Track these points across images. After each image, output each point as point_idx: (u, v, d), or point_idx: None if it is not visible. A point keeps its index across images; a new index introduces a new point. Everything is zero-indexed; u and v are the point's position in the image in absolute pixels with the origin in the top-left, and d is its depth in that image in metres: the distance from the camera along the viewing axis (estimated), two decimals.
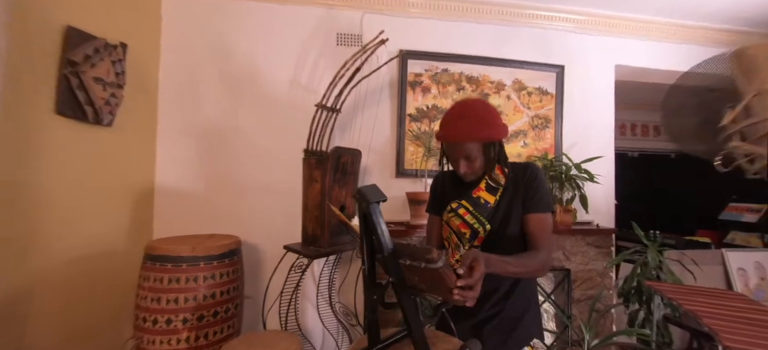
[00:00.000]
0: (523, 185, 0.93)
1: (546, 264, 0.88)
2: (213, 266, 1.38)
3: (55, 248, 1.30)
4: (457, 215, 0.96)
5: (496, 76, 2.21)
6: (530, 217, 0.91)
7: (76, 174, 1.40)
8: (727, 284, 2.48)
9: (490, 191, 0.95)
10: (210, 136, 1.97)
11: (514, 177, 0.95)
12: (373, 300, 0.66)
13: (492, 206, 0.93)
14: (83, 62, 1.34)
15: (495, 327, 0.93)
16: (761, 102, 0.49)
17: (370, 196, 0.62)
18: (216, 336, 1.37)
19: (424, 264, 0.61)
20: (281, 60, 2.03)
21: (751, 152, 0.53)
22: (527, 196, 0.92)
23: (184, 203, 1.93)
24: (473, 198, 0.95)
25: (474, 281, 0.64)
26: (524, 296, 0.96)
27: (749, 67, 0.53)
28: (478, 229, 0.93)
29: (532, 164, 0.97)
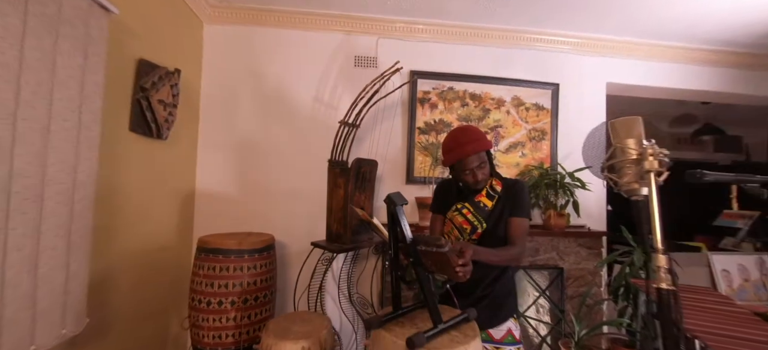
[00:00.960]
0: (511, 196, 1.19)
1: (519, 255, 1.16)
2: (255, 258, 1.64)
3: (128, 238, 1.58)
4: (461, 213, 1.22)
5: (497, 94, 2.46)
6: (511, 220, 1.18)
7: (143, 180, 1.69)
8: (712, 284, 2.67)
9: (489, 197, 1.21)
10: (244, 147, 2.25)
11: (506, 190, 1.21)
12: (398, 277, 0.91)
13: (489, 209, 1.19)
14: (151, 88, 1.62)
15: (486, 306, 1.18)
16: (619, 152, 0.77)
17: (397, 200, 0.87)
18: (256, 316, 1.63)
19: (434, 249, 0.86)
20: (306, 80, 2.31)
21: (613, 179, 0.80)
22: (510, 205, 1.18)
23: (221, 206, 2.21)
24: (475, 202, 1.22)
25: (466, 261, 0.90)
26: (507, 283, 1.23)
27: (614, 131, 0.80)
28: (477, 226, 1.18)
29: (520, 181, 1.25)
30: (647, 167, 0.72)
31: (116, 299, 1.52)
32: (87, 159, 1.23)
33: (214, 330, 1.55)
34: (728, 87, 2.78)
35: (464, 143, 1.16)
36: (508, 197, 1.20)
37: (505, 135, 2.47)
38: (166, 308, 1.82)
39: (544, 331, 2.34)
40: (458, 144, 1.17)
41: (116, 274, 1.52)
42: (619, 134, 0.78)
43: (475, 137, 1.16)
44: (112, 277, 1.49)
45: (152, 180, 1.77)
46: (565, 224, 2.32)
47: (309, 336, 1.27)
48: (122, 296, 1.55)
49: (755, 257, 2.76)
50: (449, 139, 1.20)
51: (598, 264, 2.33)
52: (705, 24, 2.33)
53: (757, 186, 0.96)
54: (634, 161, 0.75)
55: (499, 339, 1.18)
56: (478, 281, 1.18)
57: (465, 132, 1.19)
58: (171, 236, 1.93)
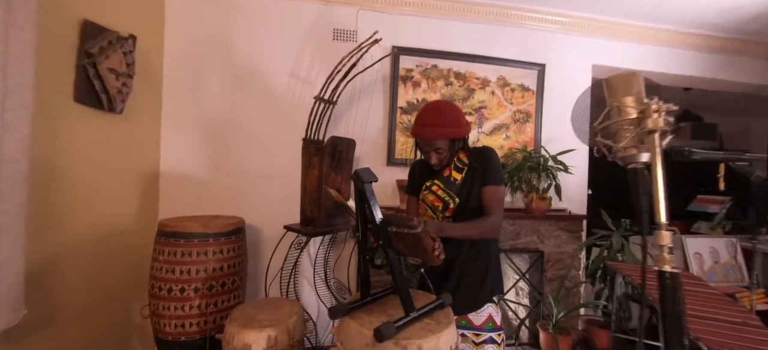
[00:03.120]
0: (480, 164, 1.12)
1: (496, 226, 1.09)
2: (221, 242, 1.53)
3: (77, 223, 1.44)
4: (430, 191, 1.14)
5: (482, 73, 2.37)
6: (484, 189, 1.11)
7: (93, 158, 1.52)
8: (685, 266, 2.74)
9: (458, 170, 1.14)
10: (214, 125, 2.09)
11: (474, 159, 1.14)
12: (365, 261, 0.83)
13: (459, 183, 1.12)
14: (99, 54, 1.45)
15: (464, 289, 1.12)
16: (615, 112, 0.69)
17: (364, 177, 0.78)
18: (223, 304, 1.53)
19: (406, 230, 0.78)
20: (280, 53, 2.15)
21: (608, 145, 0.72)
22: (483, 172, 1.11)
23: (188, 187, 2.06)
24: (444, 177, 1.15)
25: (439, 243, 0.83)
26: (486, 262, 1.16)
27: (610, 89, 0.72)
28: (449, 202, 1.11)
29: (487, 148, 1.17)
30: (651, 126, 0.64)
31: (66, 287, 1.38)
32: (16, 130, 1.08)
33: (177, 318, 1.45)
34: (712, 72, 2.79)
35: (426, 125, 1.08)
36: (477, 166, 1.13)
37: (490, 117, 2.40)
38: (127, 296, 1.70)
39: (523, 314, 2.35)
40: (420, 123, 1.10)
41: (65, 261, 1.38)
42: (616, 91, 0.70)
43: (440, 122, 1.07)
44: (60, 264, 1.35)
45: (106, 158, 1.60)
46: (547, 207, 2.30)
47: (276, 323, 1.19)
48: (73, 284, 1.41)
49: (725, 240, 2.85)
50: (420, 112, 1.12)
51: (578, 246, 2.33)
52: (696, 6, 2.30)
53: (746, 165, 0.91)
54: (633, 121, 0.67)
55: (479, 325, 1.12)
56: (451, 260, 1.11)
57: (434, 113, 1.09)
58: (131, 220, 1.78)
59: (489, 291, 1.13)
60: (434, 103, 1.14)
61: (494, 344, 1.12)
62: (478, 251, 1.13)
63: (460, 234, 1.02)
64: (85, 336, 1.47)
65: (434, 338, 0.73)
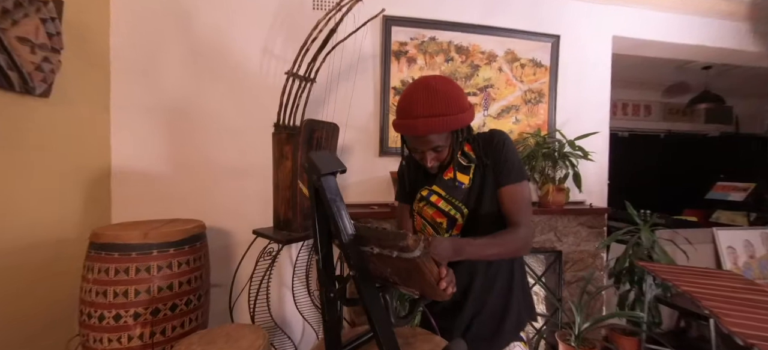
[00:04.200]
0: (492, 159, 0.80)
1: (527, 239, 0.77)
2: (169, 254, 1.22)
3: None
4: (429, 203, 0.83)
5: (488, 46, 2.05)
6: (503, 191, 0.79)
7: (4, 152, 1.21)
8: (717, 262, 2.45)
9: (463, 170, 0.82)
10: (172, 111, 1.77)
11: (482, 149, 0.82)
12: (330, 299, 0.52)
13: (467, 187, 0.81)
14: (1, 18, 1.12)
15: (482, 323, 0.81)
16: None
17: (322, 165, 0.47)
18: (175, 331, 1.22)
19: (396, 253, 0.47)
20: (251, 26, 1.82)
21: None
22: (497, 168, 0.80)
23: (147, 187, 1.75)
24: (445, 181, 0.82)
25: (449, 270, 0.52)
26: (506, 281, 0.85)
27: None
28: (456, 216, 0.80)
29: (498, 132, 0.84)
30: None
31: None
32: None
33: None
34: (737, 43, 2.48)
35: (417, 114, 0.74)
36: (488, 159, 0.81)
37: (497, 97, 2.09)
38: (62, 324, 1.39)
39: (539, 323, 2.06)
40: (407, 113, 0.76)
41: None
42: None
43: (437, 108, 0.73)
44: None
45: (27, 152, 1.29)
46: (564, 200, 2.00)
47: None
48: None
49: (761, 232, 2.55)
50: (405, 95, 0.78)
51: (601, 244, 2.03)
52: None
53: None
54: None
55: None
56: (465, 290, 0.81)
57: (428, 97, 0.74)
58: (69, 229, 1.47)
59: (516, 321, 0.83)
60: (424, 81, 0.77)
61: None
62: (497, 270, 0.83)
63: (482, 255, 0.70)
64: None
65: None
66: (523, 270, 0.90)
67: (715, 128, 4.85)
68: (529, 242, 0.78)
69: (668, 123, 4.73)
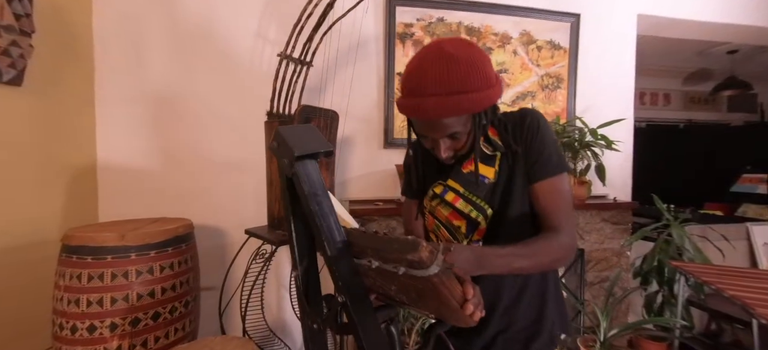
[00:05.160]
0: (523, 143, 0.63)
1: (568, 248, 0.61)
2: (150, 257, 1.09)
3: None
4: (444, 202, 0.67)
5: (501, 27, 1.88)
6: (538, 186, 0.62)
7: None
8: (751, 260, 2.27)
9: (486, 161, 0.65)
10: (161, 102, 1.64)
11: (511, 134, 0.65)
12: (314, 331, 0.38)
13: (491, 182, 0.65)
14: None
15: (507, 342, 0.67)
16: None
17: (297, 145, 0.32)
18: (158, 342, 1.10)
19: (404, 269, 0.32)
20: (243, 8, 1.67)
21: None
22: (530, 157, 0.63)
23: (137, 183, 1.63)
24: (463, 175, 0.66)
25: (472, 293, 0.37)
26: (539, 292, 0.69)
27: None
28: (477, 218, 0.64)
29: (530, 112, 0.66)
30: None
31: None
32: None
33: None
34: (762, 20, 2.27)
35: (426, 93, 0.56)
36: (518, 146, 0.64)
37: (512, 83, 1.92)
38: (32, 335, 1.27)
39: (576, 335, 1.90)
40: (414, 91, 0.58)
41: None
42: None
43: (455, 84, 0.55)
44: None
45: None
46: (587, 194, 1.83)
47: None
48: None
49: None
50: (412, 65, 0.60)
51: (626, 241, 1.86)
52: None
53: None
54: None
55: None
56: (490, 304, 0.66)
57: (442, 67, 0.56)
58: (47, 230, 1.35)
59: (548, 339, 0.68)
60: (437, 46, 0.58)
61: None
62: (527, 279, 0.68)
63: (512, 268, 0.54)
64: None
65: None
66: (557, 278, 0.75)
67: (739, 117, 4.59)
68: (570, 251, 0.62)
69: (689, 112, 4.49)
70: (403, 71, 0.62)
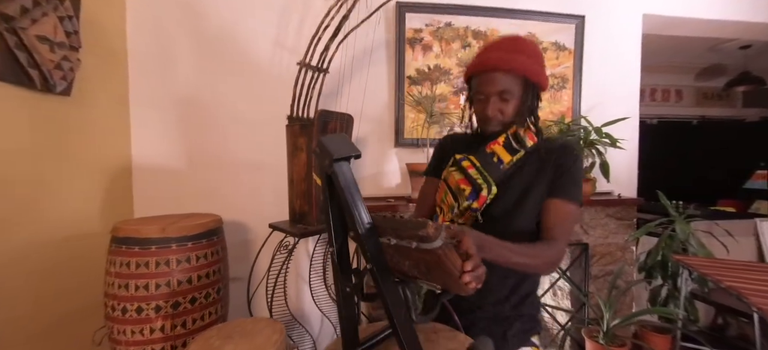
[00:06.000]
0: (555, 165, 0.74)
1: (557, 259, 0.71)
2: (187, 248, 1.23)
3: (11, 233, 1.16)
4: (459, 167, 0.77)
5: (507, 30, 1.95)
6: (554, 202, 0.73)
7: (32, 150, 1.24)
8: (759, 256, 2.28)
9: (509, 149, 0.76)
10: (189, 107, 1.78)
11: (546, 152, 0.76)
12: (346, 294, 0.49)
13: (506, 167, 0.75)
14: (21, 17, 1.14)
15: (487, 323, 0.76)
16: None
17: (335, 150, 0.43)
18: (195, 323, 1.23)
19: (415, 244, 0.43)
20: (262, 18, 1.80)
21: None
22: (557, 178, 0.74)
23: (165, 181, 1.78)
24: (485, 154, 0.77)
25: (475, 262, 0.47)
26: (528, 290, 0.80)
27: None
28: (482, 186, 0.74)
29: (573, 146, 0.79)
30: None
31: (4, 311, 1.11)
32: None
33: (136, 344, 1.17)
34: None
35: (492, 48, 0.74)
36: (546, 164, 0.75)
37: None
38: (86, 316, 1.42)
39: (564, 319, 1.97)
40: (485, 49, 0.76)
41: None
42: None
43: (515, 47, 0.73)
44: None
45: (50, 150, 1.32)
46: (591, 190, 1.89)
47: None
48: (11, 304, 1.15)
49: None
50: (485, 45, 0.79)
51: (631, 236, 1.92)
52: None
53: None
54: None
55: None
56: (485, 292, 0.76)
57: (508, 40, 0.77)
58: (92, 224, 1.50)
59: (525, 328, 0.77)
60: (508, 35, 0.82)
61: None
62: (522, 283, 0.78)
63: (508, 261, 0.63)
64: None
65: None
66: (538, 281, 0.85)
67: (755, 112, 4.51)
68: (556, 262, 0.73)
69: (701, 108, 4.43)
70: None
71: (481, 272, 0.48)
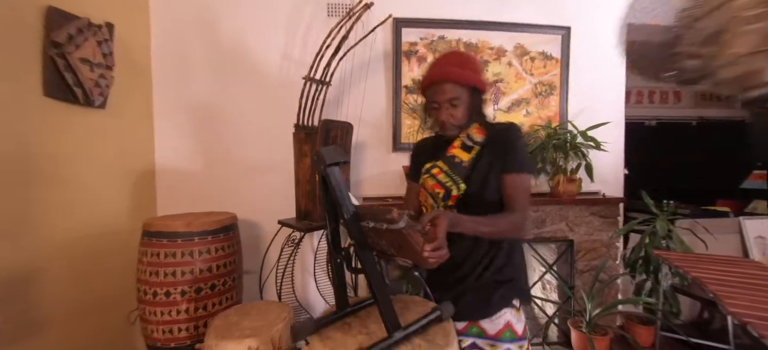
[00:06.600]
0: (501, 145, 0.89)
1: (518, 224, 0.86)
2: (208, 241, 1.41)
3: (58, 225, 1.36)
4: (431, 175, 0.94)
5: (497, 42, 2.10)
6: (505, 177, 0.88)
7: (74, 156, 1.44)
8: (744, 252, 2.37)
9: (465, 149, 0.92)
10: (205, 115, 1.97)
11: (493, 137, 0.91)
12: (338, 264, 0.65)
13: (467, 165, 0.90)
14: (67, 43, 1.34)
15: (473, 295, 0.91)
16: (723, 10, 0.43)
17: (327, 157, 0.59)
18: (215, 307, 1.41)
19: (386, 226, 0.59)
20: (271, 34, 1.98)
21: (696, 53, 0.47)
22: (505, 156, 0.89)
23: (185, 183, 1.97)
24: (448, 158, 0.93)
25: (438, 240, 0.62)
26: (506, 265, 0.94)
27: None
28: (451, 188, 0.90)
29: (514, 125, 0.94)
30: None
31: (50, 293, 1.31)
32: None
33: (164, 324, 1.35)
34: None
35: (441, 64, 0.90)
36: (495, 147, 0.90)
37: (507, 91, 2.14)
38: (119, 299, 1.62)
39: (552, 310, 2.10)
40: (433, 65, 0.92)
41: (46, 265, 1.31)
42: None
43: (458, 61, 0.89)
44: (41, 269, 1.28)
45: (90, 155, 1.52)
46: (576, 190, 2.02)
47: (259, 332, 1.04)
48: (57, 289, 1.34)
49: None
50: (431, 61, 0.97)
51: (615, 232, 2.04)
52: None
53: None
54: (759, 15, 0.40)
55: (494, 334, 0.92)
56: (461, 264, 0.91)
57: (451, 54, 0.93)
58: (124, 220, 1.70)
59: (506, 293, 0.92)
60: (451, 50, 1.00)
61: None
62: (491, 245, 0.92)
63: (475, 230, 0.79)
64: (75, 342, 1.40)
65: None
66: (520, 251, 0.98)
67: None
68: (520, 226, 0.87)
69: (700, 109, 4.49)
70: None
71: (442, 252, 0.63)
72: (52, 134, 1.35)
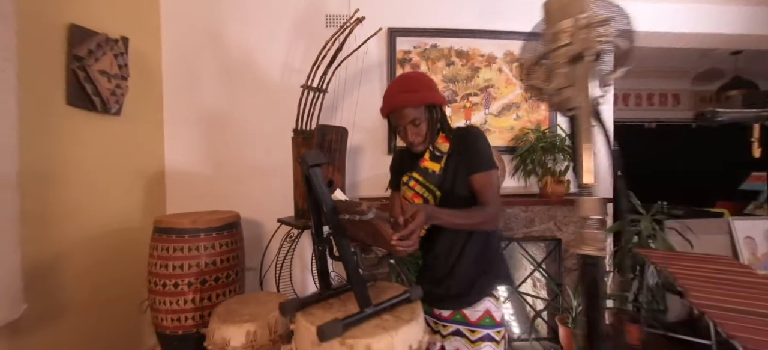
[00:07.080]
0: (464, 149, 0.99)
1: (492, 216, 0.95)
2: (212, 237, 1.52)
3: (78, 222, 1.49)
4: (408, 187, 1.04)
5: (487, 49, 2.20)
6: (474, 177, 0.97)
7: (92, 159, 1.57)
8: (734, 253, 2.41)
9: (434, 159, 1.02)
10: (212, 121, 2.11)
11: (456, 144, 1.01)
12: (320, 251, 0.76)
13: (439, 174, 1.00)
14: (88, 57, 1.48)
15: (455, 285, 1.01)
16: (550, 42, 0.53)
17: (310, 160, 0.70)
18: (219, 298, 1.53)
19: (357, 217, 0.69)
20: (273, 44, 2.11)
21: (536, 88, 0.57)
22: (469, 159, 0.98)
23: (194, 185, 2.10)
24: (421, 168, 1.03)
25: (409, 230, 0.72)
26: (483, 256, 1.03)
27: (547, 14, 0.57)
28: (428, 197, 1.00)
29: (473, 128, 1.04)
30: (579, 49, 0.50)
31: (71, 283, 1.44)
32: (2, 135, 1.11)
33: (173, 312, 1.47)
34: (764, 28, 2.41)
35: (394, 93, 0.98)
36: (459, 152, 0.99)
37: (498, 96, 2.23)
38: (131, 289, 1.75)
39: (540, 307, 2.18)
40: (387, 95, 1.01)
41: (68, 259, 1.44)
42: (552, 16, 0.56)
43: (410, 87, 0.97)
44: (64, 262, 1.42)
45: (106, 159, 1.66)
46: (565, 191, 2.11)
47: (256, 318, 1.15)
48: (78, 280, 1.47)
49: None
50: (386, 89, 1.03)
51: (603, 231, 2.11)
52: None
53: None
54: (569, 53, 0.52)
55: (475, 320, 1.01)
56: (440, 255, 1.01)
57: (401, 81, 1.02)
58: (137, 218, 1.84)
59: (484, 283, 1.01)
60: (402, 74, 1.06)
61: (492, 342, 1.01)
62: (469, 238, 1.02)
63: (452, 222, 0.88)
64: (95, 328, 1.53)
65: (387, 336, 0.65)
66: (497, 244, 1.08)
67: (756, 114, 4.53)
68: (493, 218, 0.96)
69: None
70: None
71: (409, 242, 0.73)
72: (74, 139, 1.49)
